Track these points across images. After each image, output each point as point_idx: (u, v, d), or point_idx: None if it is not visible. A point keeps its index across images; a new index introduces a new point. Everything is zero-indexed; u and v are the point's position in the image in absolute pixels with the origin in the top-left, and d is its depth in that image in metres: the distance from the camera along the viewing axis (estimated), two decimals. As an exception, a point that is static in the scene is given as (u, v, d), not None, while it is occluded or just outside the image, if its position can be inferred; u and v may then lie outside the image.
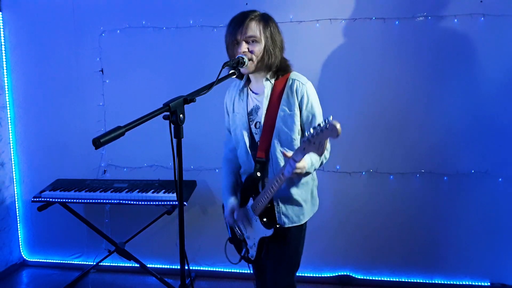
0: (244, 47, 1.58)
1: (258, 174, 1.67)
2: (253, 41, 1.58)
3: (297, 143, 1.65)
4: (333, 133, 1.25)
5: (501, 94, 2.51)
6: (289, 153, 1.46)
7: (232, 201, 1.77)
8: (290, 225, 1.70)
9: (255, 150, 1.69)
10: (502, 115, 2.52)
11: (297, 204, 1.70)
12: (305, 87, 1.64)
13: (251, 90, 1.74)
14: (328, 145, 1.67)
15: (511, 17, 2.44)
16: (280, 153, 1.64)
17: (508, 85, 2.50)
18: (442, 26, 2.50)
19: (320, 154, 1.35)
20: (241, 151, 1.75)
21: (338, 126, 1.24)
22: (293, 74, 1.69)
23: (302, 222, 1.73)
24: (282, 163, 1.65)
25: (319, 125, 1.30)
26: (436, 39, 2.52)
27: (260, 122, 1.68)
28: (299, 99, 1.63)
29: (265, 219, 1.69)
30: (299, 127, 1.66)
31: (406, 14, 2.52)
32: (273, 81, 1.67)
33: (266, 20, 1.62)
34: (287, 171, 1.46)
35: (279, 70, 1.67)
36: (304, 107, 1.63)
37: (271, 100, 1.65)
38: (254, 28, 1.58)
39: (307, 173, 1.58)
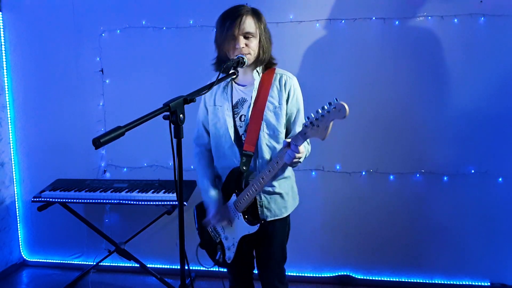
0: (242, 42, 1.58)
1: (244, 168, 1.63)
2: (249, 37, 1.60)
3: (282, 136, 1.66)
4: (341, 114, 1.24)
5: (501, 94, 2.51)
6: (288, 139, 1.44)
7: (217, 201, 1.70)
8: (272, 219, 1.70)
9: (240, 144, 1.67)
10: (502, 115, 2.52)
11: (280, 196, 1.71)
12: (292, 81, 1.68)
13: (236, 83, 1.72)
14: (309, 147, 1.65)
15: (511, 17, 2.44)
16: (266, 146, 1.64)
17: (508, 85, 2.50)
18: (442, 26, 2.50)
19: (323, 138, 1.32)
20: (223, 146, 1.70)
21: (346, 105, 1.23)
22: (279, 70, 1.71)
23: (285, 215, 1.73)
24: (267, 156, 1.64)
25: (323, 107, 1.29)
26: (436, 39, 2.51)
27: (245, 115, 1.67)
28: (287, 92, 1.66)
29: (247, 216, 1.66)
30: (285, 121, 1.67)
31: (406, 14, 2.52)
32: (261, 73, 1.68)
33: (258, 14, 1.64)
34: (289, 156, 1.43)
35: (267, 63, 1.70)
36: (290, 100, 1.66)
37: (259, 93, 1.65)
38: (251, 23, 1.59)
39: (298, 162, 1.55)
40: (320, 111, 1.29)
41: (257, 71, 1.67)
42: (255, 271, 1.88)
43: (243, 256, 1.77)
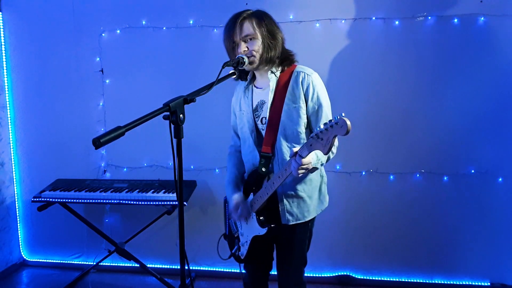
0: (243, 47, 1.59)
1: (263, 169, 1.64)
2: (250, 39, 1.59)
3: (303, 136, 1.63)
4: (343, 130, 1.24)
5: (501, 94, 2.51)
6: (296, 148, 1.44)
7: (236, 195, 1.74)
8: (294, 223, 1.68)
9: (262, 146, 1.67)
10: (502, 115, 2.52)
11: (302, 200, 1.68)
12: (310, 78, 1.63)
13: (255, 86, 1.74)
14: (336, 141, 1.63)
15: (511, 17, 2.44)
16: (286, 147, 1.63)
17: (508, 85, 2.50)
18: (442, 26, 2.50)
19: (326, 152, 1.32)
20: (248, 148, 1.74)
21: (348, 122, 1.23)
22: (299, 67, 1.68)
23: (307, 219, 1.71)
24: (287, 157, 1.62)
25: (330, 120, 1.29)
26: (436, 39, 2.51)
27: (266, 117, 1.66)
28: (305, 90, 1.62)
29: (261, 218, 1.66)
30: (305, 120, 1.64)
31: (406, 14, 2.52)
32: (278, 73, 1.66)
33: (258, 16, 1.62)
34: (293, 167, 1.43)
35: (284, 61, 1.67)
36: (309, 98, 1.62)
37: (276, 94, 1.64)
38: (248, 26, 1.59)
39: (314, 169, 1.55)
40: (326, 123, 1.29)
41: (272, 71, 1.66)
42: (272, 272, 1.90)
43: (259, 256, 1.79)
